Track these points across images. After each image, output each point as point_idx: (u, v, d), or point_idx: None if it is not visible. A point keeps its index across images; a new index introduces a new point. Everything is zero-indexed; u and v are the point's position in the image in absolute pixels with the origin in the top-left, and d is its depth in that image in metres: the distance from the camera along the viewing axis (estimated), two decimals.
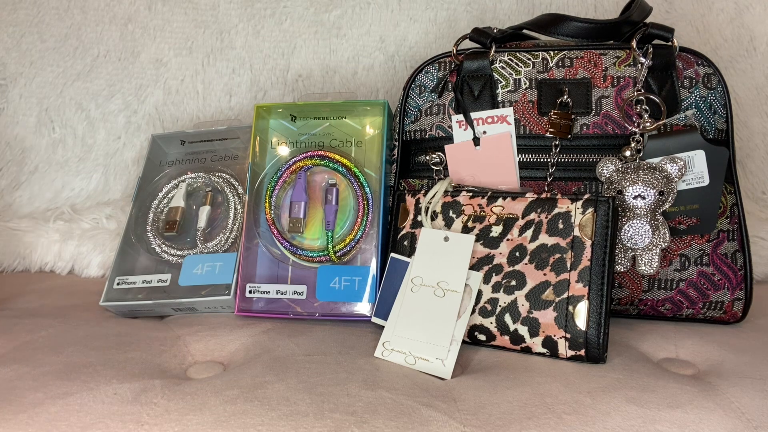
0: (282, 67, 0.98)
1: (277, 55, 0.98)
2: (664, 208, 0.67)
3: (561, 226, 0.62)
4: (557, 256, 0.62)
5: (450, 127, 0.73)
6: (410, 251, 0.67)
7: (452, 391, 0.55)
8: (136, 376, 0.57)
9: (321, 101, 0.79)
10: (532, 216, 0.64)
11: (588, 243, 0.61)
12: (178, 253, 0.77)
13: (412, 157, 0.75)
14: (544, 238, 0.62)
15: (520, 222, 0.64)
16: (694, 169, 0.67)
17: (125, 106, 0.98)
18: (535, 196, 0.64)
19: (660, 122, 0.67)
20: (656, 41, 0.70)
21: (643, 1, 0.74)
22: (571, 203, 0.62)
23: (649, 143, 0.67)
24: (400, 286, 0.66)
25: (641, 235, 0.66)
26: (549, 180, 0.70)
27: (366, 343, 0.65)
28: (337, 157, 0.76)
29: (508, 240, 0.64)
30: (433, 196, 0.68)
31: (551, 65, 0.71)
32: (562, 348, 0.60)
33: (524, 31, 0.76)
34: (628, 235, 0.67)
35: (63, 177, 0.98)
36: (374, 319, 0.68)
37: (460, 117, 0.72)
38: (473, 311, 0.63)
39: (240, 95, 0.99)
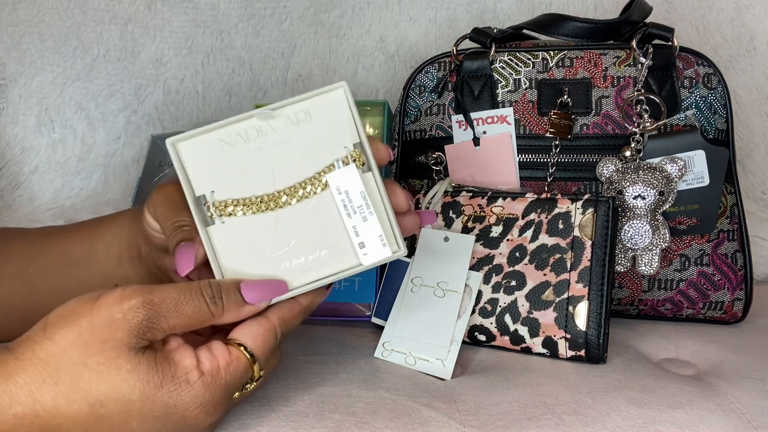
0: (282, 67, 0.98)
1: (277, 55, 0.98)
2: (664, 209, 0.67)
3: (561, 226, 0.62)
4: (557, 256, 0.62)
5: (450, 127, 0.73)
6: (410, 251, 0.67)
7: (452, 391, 0.55)
8: None
9: None
10: (532, 216, 0.64)
11: (588, 243, 0.61)
12: None
13: (412, 157, 0.75)
14: (544, 239, 0.62)
15: (520, 222, 0.64)
16: (694, 169, 0.67)
17: (125, 106, 0.98)
18: (535, 196, 0.64)
19: (660, 122, 0.67)
20: (656, 41, 0.70)
21: (643, 0, 0.74)
22: (571, 203, 0.62)
23: (649, 143, 0.67)
24: (400, 286, 0.66)
25: (641, 236, 0.66)
26: (549, 180, 0.70)
27: (366, 343, 0.65)
28: None
29: (508, 240, 0.64)
30: (433, 197, 0.68)
31: (551, 65, 0.71)
32: (562, 348, 0.60)
33: (524, 31, 0.76)
34: (628, 235, 0.67)
35: (63, 177, 0.98)
36: (374, 319, 0.68)
37: (460, 117, 0.72)
38: (473, 311, 0.63)
39: (240, 95, 0.99)
